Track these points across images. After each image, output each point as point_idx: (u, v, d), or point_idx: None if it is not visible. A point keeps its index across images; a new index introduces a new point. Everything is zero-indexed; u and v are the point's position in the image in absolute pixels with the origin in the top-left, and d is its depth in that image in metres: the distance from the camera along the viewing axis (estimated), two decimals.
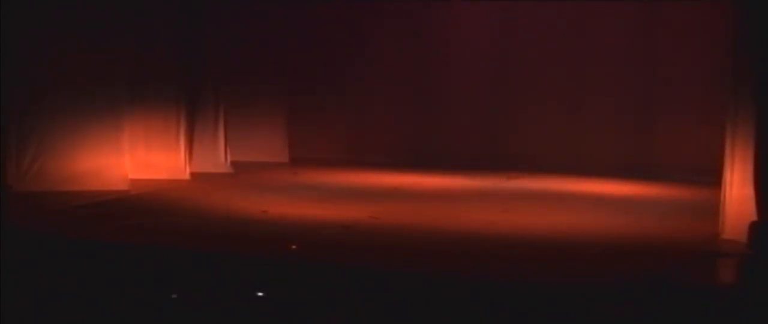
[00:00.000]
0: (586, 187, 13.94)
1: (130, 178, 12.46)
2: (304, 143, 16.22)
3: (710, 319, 7.70)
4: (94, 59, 12.09)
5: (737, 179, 10.05)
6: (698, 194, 13.05)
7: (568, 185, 14.02)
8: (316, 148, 16.39)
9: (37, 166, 12.01)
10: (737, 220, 9.94)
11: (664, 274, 8.83)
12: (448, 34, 16.17)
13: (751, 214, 9.77)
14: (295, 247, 9.47)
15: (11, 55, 11.85)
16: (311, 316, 7.70)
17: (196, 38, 13.94)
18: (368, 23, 16.32)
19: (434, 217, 11.41)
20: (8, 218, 10.10)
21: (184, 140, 13.65)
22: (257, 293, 7.98)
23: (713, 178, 11.37)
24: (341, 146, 16.57)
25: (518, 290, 8.20)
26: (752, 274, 9.24)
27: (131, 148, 12.65)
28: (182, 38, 13.73)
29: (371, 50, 16.36)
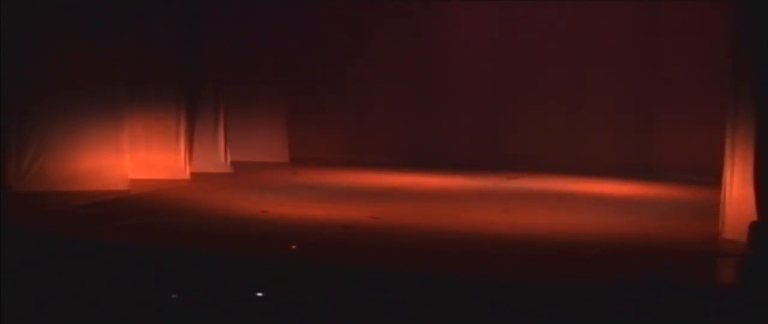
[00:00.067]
0: (586, 187, 13.94)
1: (130, 178, 12.45)
2: (304, 143, 16.21)
3: (710, 319, 7.70)
4: (94, 59, 12.08)
5: (737, 179, 10.05)
6: (698, 194, 13.05)
7: (568, 185, 14.02)
8: (316, 148, 16.39)
9: (37, 166, 12.01)
10: (737, 220, 9.94)
11: (664, 274, 8.83)
12: (448, 34, 16.16)
13: (751, 214, 9.76)
14: (295, 247, 9.46)
15: (11, 55, 11.85)
16: (311, 316, 7.70)
17: (196, 38, 13.94)
18: (368, 23, 16.31)
19: (434, 217, 11.40)
20: (8, 218, 10.10)
21: (184, 140, 13.64)
22: (257, 293, 7.97)
23: (713, 178, 11.37)
24: (341, 146, 16.57)
25: (518, 290, 8.19)
26: (752, 274, 9.23)
27: (131, 148, 12.64)
28: (182, 38, 13.73)
29: (371, 50, 16.36)
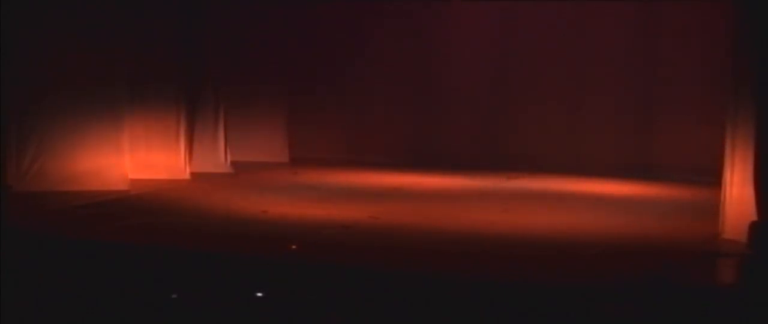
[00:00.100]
0: (586, 187, 13.94)
1: (130, 178, 12.45)
2: (304, 143, 16.21)
3: (710, 319, 7.70)
4: (94, 59, 12.08)
5: (737, 179, 10.05)
6: (698, 194, 13.05)
7: (568, 185, 14.01)
8: (316, 148, 16.38)
9: (37, 166, 12.01)
10: (737, 220, 9.94)
11: (664, 274, 8.83)
12: (448, 34, 16.16)
13: (751, 214, 9.76)
14: (295, 247, 9.46)
15: (11, 55, 11.85)
16: (311, 316, 7.70)
17: (196, 38, 13.94)
18: (368, 23, 16.31)
19: (434, 217, 11.40)
20: (8, 218, 10.10)
21: (184, 140, 13.64)
22: (257, 293, 7.97)
23: (713, 178, 11.37)
24: (341, 146, 16.57)
25: (518, 290, 8.19)
26: (752, 274, 9.23)
27: (131, 148, 12.64)
28: (182, 38, 13.73)
29: (371, 50, 16.36)
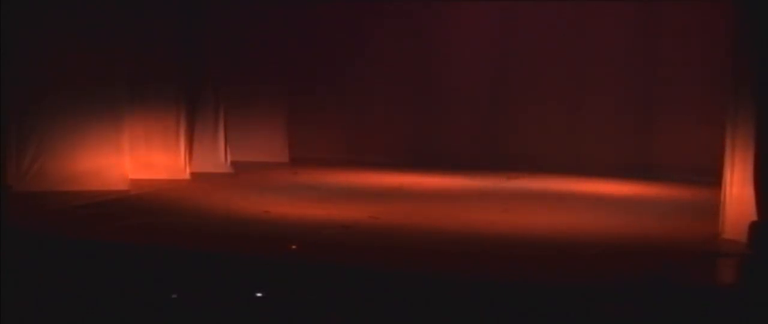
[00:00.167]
0: (586, 187, 13.94)
1: (130, 178, 12.45)
2: (304, 143, 16.21)
3: (710, 319, 7.70)
4: (94, 59, 12.08)
5: (737, 179, 10.05)
6: (698, 194, 13.05)
7: (568, 185, 14.01)
8: (316, 148, 16.39)
9: (37, 166, 12.00)
10: (737, 220, 9.94)
11: (664, 274, 8.82)
12: (448, 34, 16.16)
13: (751, 214, 9.76)
14: (295, 247, 9.46)
15: (11, 55, 11.85)
16: (311, 316, 7.70)
17: (196, 38, 13.94)
18: (368, 23, 16.31)
19: (434, 217, 11.40)
20: (8, 218, 10.09)
21: (184, 140, 13.64)
22: (257, 293, 7.97)
23: (713, 178, 11.37)
24: (341, 146, 16.57)
25: (518, 290, 8.19)
26: (752, 274, 9.23)
27: (131, 148, 12.64)
28: (182, 38, 13.73)
29: (371, 50, 16.36)
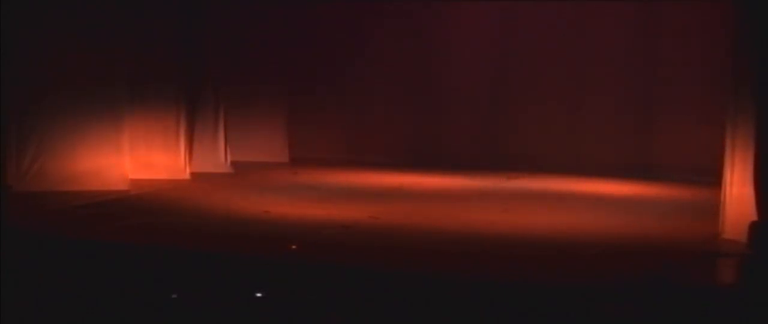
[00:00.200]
0: (586, 187, 13.94)
1: (130, 178, 12.45)
2: (304, 143, 16.21)
3: (710, 319, 7.70)
4: (94, 59, 12.08)
5: (737, 179, 10.04)
6: (698, 194, 13.05)
7: (568, 185, 14.01)
8: (316, 148, 16.38)
9: (37, 166, 12.00)
10: (737, 220, 9.93)
11: (664, 274, 8.82)
12: (448, 34, 16.16)
13: (751, 214, 9.76)
14: (295, 247, 9.46)
15: (11, 55, 11.85)
16: (311, 316, 7.70)
17: (196, 38, 13.94)
18: (368, 23, 16.31)
19: (434, 217, 11.40)
20: (8, 218, 10.09)
21: (184, 140, 13.65)
22: (257, 293, 7.97)
23: (713, 178, 11.36)
24: (341, 146, 16.57)
25: (518, 290, 8.19)
26: (752, 274, 9.23)
27: (131, 148, 12.64)
28: (182, 38, 13.73)
29: (371, 50, 16.36)
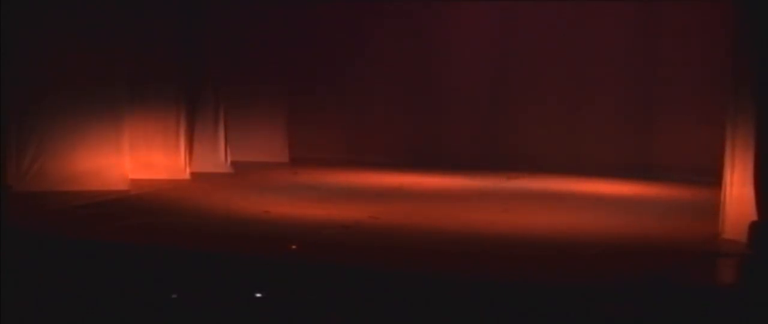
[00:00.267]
0: (586, 187, 13.93)
1: (130, 178, 12.45)
2: (304, 143, 16.21)
3: (710, 319, 7.69)
4: (94, 59, 12.08)
5: (737, 179, 10.04)
6: (698, 194, 13.04)
7: (568, 185, 14.01)
8: (316, 148, 16.38)
9: (37, 166, 12.00)
10: (737, 220, 9.93)
11: (664, 274, 8.82)
12: (448, 34, 16.16)
13: (751, 214, 9.76)
14: (295, 247, 9.46)
15: (11, 55, 11.85)
16: (311, 316, 7.70)
17: (196, 38, 13.94)
18: (368, 23, 16.31)
19: (434, 217, 11.40)
20: (8, 218, 10.09)
21: (184, 140, 13.65)
22: (257, 293, 7.97)
23: (713, 178, 11.36)
24: (341, 146, 16.56)
25: (518, 290, 8.19)
26: (752, 274, 9.23)
27: (131, 148, 12.64)
28: (182, 38, 13.73)
29: (371, 50, 16.36)
